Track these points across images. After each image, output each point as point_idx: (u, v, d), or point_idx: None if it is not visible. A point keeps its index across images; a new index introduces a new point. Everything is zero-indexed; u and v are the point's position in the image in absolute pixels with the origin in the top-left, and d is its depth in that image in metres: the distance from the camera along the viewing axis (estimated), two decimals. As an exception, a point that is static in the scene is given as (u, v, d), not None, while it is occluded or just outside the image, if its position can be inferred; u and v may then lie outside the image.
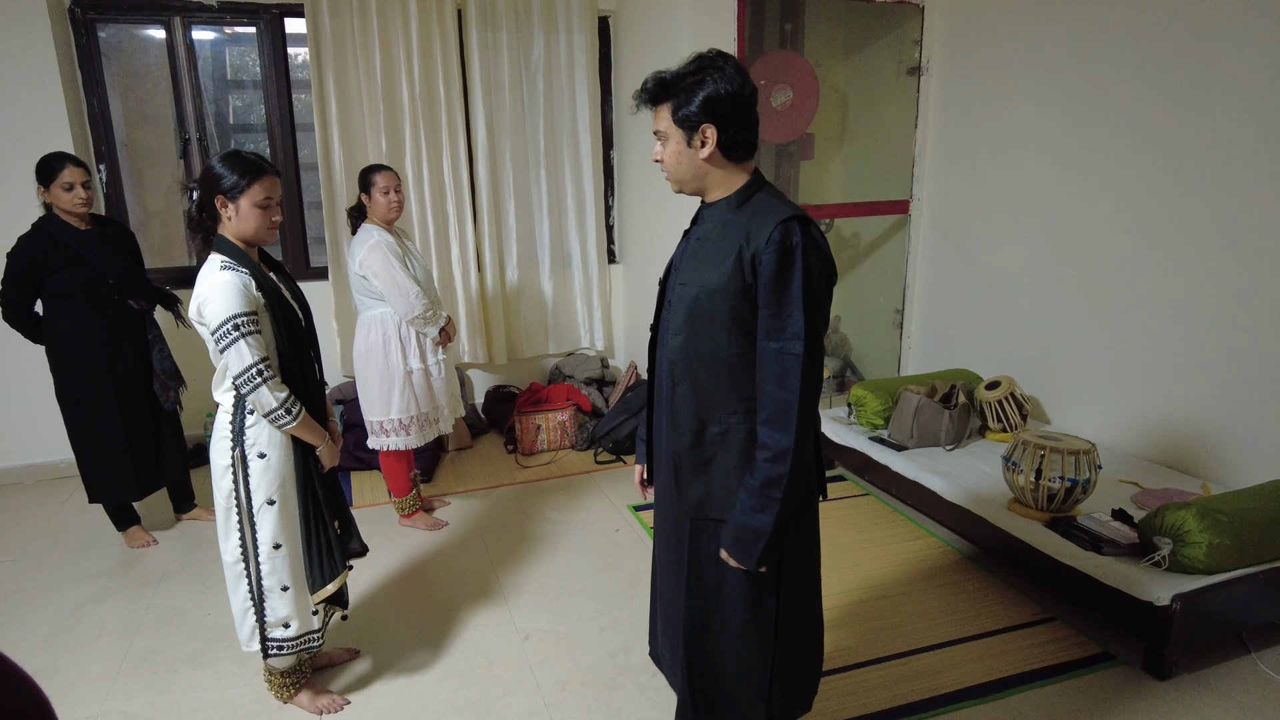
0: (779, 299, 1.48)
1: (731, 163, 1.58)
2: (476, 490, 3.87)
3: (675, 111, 1.54)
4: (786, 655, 1.72)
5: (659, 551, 1.86)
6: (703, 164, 1.57)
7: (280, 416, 1.95)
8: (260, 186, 1.94)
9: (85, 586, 3.01)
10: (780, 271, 1.47)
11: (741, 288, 1.51)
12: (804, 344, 1.47)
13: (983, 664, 2.43)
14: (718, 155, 1.56)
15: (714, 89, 1.51)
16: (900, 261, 4.55)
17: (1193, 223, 3.01)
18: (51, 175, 2.93)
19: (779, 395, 1.50)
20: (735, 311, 1.52)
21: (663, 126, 1.57)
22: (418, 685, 2.40)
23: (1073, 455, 2.65)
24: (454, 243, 4.51)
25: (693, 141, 1.55)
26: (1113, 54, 3.24)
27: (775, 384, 1.50)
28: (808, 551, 1.73)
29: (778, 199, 1.57)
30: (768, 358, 1.51)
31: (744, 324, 1.53)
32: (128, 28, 4.13)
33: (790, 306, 1.47)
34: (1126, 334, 3.31)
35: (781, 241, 1.47)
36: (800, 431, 1.49)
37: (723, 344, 1.55)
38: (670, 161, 1.59)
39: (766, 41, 4.61)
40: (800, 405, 1.48)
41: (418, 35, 4.18)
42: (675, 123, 1.54)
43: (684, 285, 1.60)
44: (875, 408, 3.64)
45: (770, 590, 1.66)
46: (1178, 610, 2.23)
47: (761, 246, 1.48)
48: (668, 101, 1.55)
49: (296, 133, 4.36)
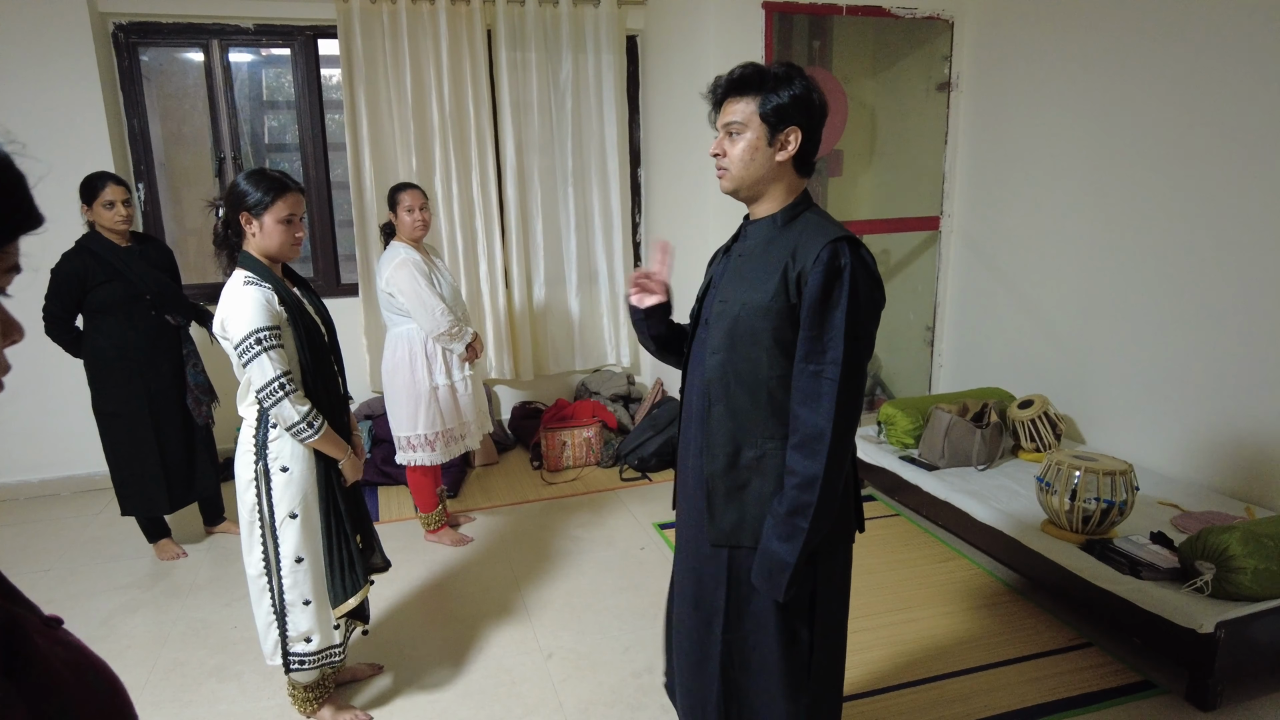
0: (822, 321, 1.43)
1: (798, 175, 1.54)
2: (502, 506, 3.86)
3: (764, 104, 1.46)
4: (817, 694, 1.65)
5: (677, 579, 1.78)
6: (776, 167, 1.50)
7: (302, 430, 1.96)
8: (284, 203, 1.97)
9: (116, 597, 3.05)
10: (826, 293, 1.42)
11: (785, 307, 1.46)
12: (842, 369, 1.41)
13: (1017, 690, 2.36)
14: (791, 163, 1.51)
15: (807, 93, 1.47)
16: (931, 278, 4.49)
17: (1232, 236, 2.93)
18: (94, 194, 3.01)
19: (812, 420, 1.44)
20: (777, 331, 1.47)
21: (741, 119, 1.48)
22: (439, 702, 2.39)
23: (1109, 476, 2.57)
24: (482, 260, 4.54)
25: (775, 141, 1.48)
26: (1145, 67, 3.18)
27: (809, 408, 1.44)
28: (841, 588, 1.66)
29: (825, 219, 1.52)
30: (804, 380, 1.45)
31: (785, 345, 1.48)
32: (168, 50, 4.24)
33: (833, 330, 1.42)
34: (1164, 350, 3.22)
35: (830, 262, 1.42)
36: (832, 460, 1.42)
37: (763, 365, 1.50)
38: (741, 157, 1.50)
39: (794, 59, 4.60)
40: (834, 433, 1.42)
41: (448, 56, 4.24)
42: (761, 116, 1.47)
43: (724, 303, 1.54)
44: (906, 426, 3.58)
45: (805, 624, 1.59)
46: (1223, 638, 2.15)
47: (809, 266, 1.43)
48: (755, 94, 1.47)
49: (329, 152, 4.43)
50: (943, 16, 4.09)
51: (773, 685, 1.61)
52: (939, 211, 4.36)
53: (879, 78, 4.75)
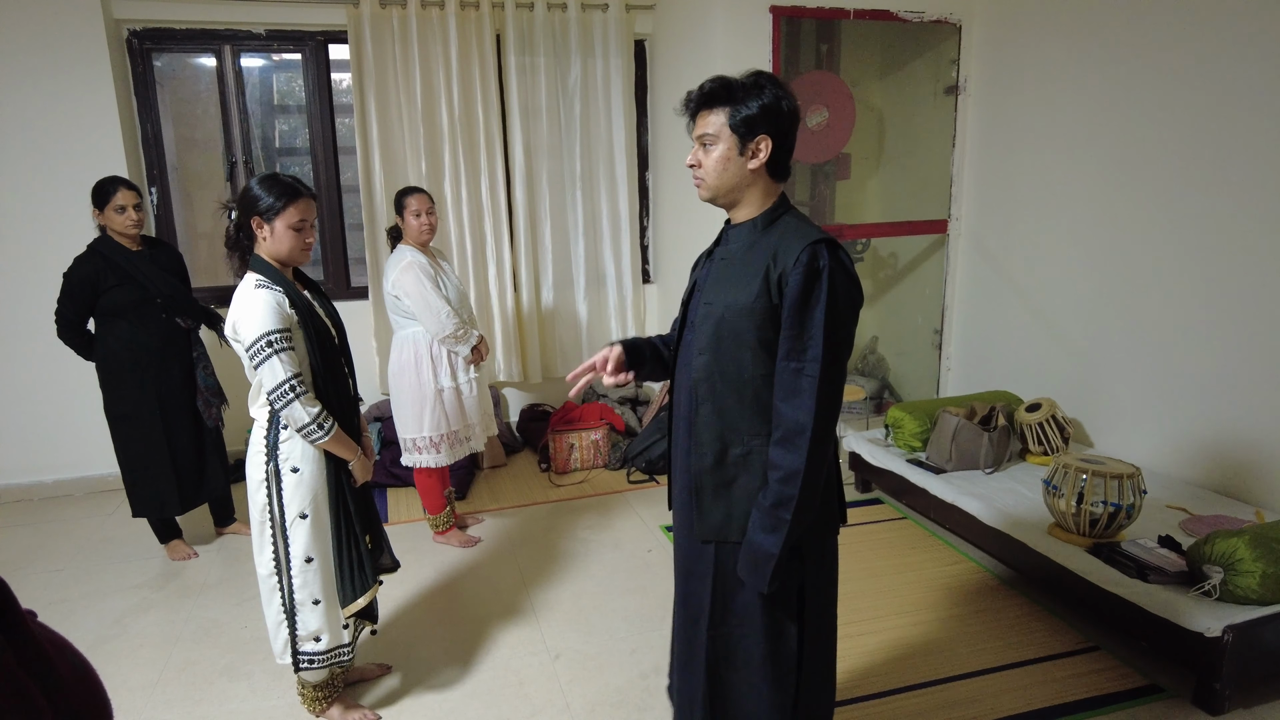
0: (802, 320, 1.47)
1: (772, 180, 1.58)
2: (510, 508, 3.88)
3: (733, 116, 1.50)
4: (807, 689, 1.68)
5: (676, 578, 1.83)
6: (748, 175, 1.55)
7: (313, 431, 1.99)
8: (295, 209, 1.99)
9: (129, 597, 3.08)
10: (806, 293, 1.46)
11: (767, 308, 1.50)
12: (822, 366, 1.46)
13: (1023, 693, 2.36)
14: (765, 169, 1.55)
15: (775, 101, 1.50)
16: (939, 281, 4.49)
17: (1241, 240, 2.93)
18: (106, 198, 3.05)
19: (794, 416, 1.48)
20: (760, 331, 1.52)
21: (713, 130, 1.53)
22: (447, 702, 2.41)
23: (1116, 479, 2.57)
24: (491, 263, 4.56)
25: (745, 150, 1.53)
26: (1154, 70, 3.18)
27: (791, 404, 1.49)
28: (829, 581, 1.70)
29: (804, 222, 1.57)
30: (785, 377, 1.49)
31: (769, 345, 1.52)
32: (181, 56, 4.29)
33: (813, 329, 1.46)
34: (1173, 353, 3.21)
35: (809, 263, 1.46)
36: (813, 454, 1.47)
37: (747, 365, 1.54)
38: (714, 168, 1.55)
39: (802, 62, 4.62)
40: (814, 427, 1.46)
41: (457, 60, 4.27)
42: (731, 128, 1.51)
43: (709, 305, 1.59)
44: (913, 429, 3.57)
45: (792, 618, 1.63)
46: (1230, 642, 2.14)
47: (789, 267, 1.47)
48: (725, 106, 1.51)
49: (339, 156, 4.47)
50: (950, 20, 4.10)
51: (757, 679, 1.64)
52: (947, 215, 4.35)
53: (887, 81, 4.76)
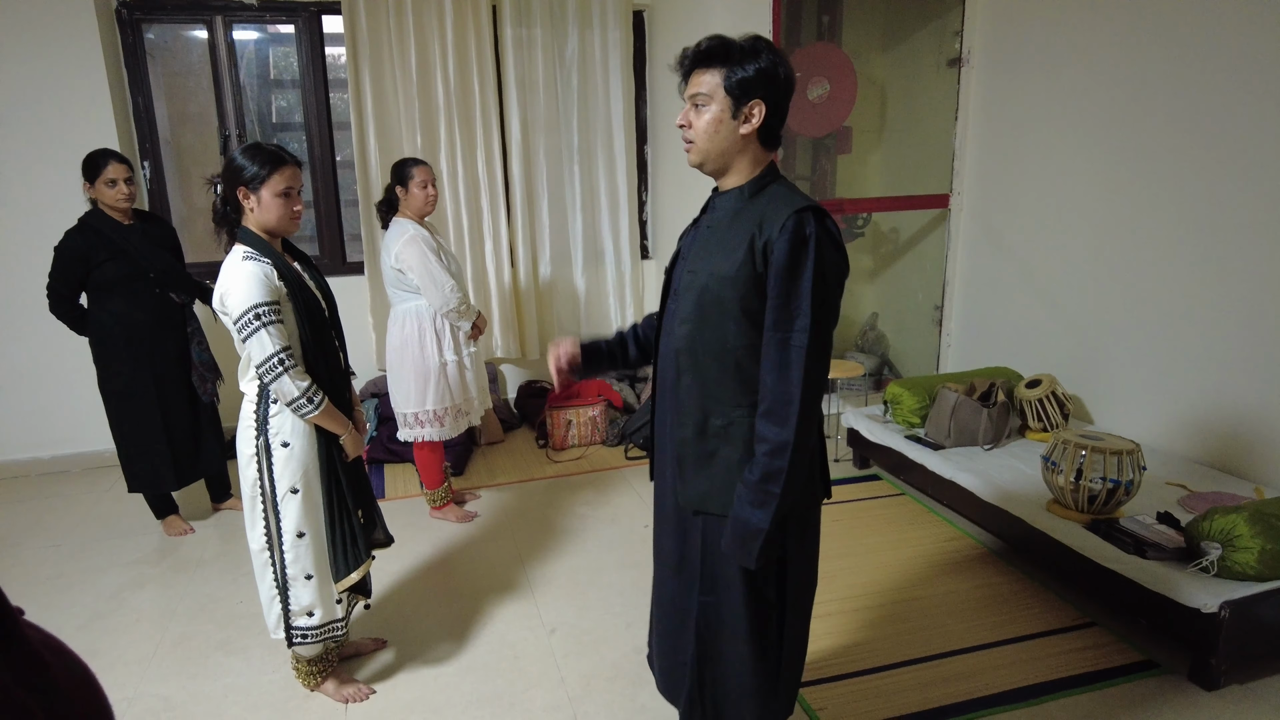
0: (788, 290, 1.43)
1: (763, 148, 1.54)
2: (507, 484, 3.88)
3: (729, 77, 1.46)
4: (789, 655, 1.69)
5: (656, 546, 1.82)
6: (739, 140, 1.50)
7: (302, 405, 1.97)
8: (280, 176, 1.96)
9: (125, 573, 3.08)
10: (792, 262, 1.43)
11: (752, 276, 1.47)
12: (809, 337, 1.42)
13: (1019, 668, 2.35)
14: (756, 135, 1.51)
15: (772, 67, 1.46)
16: (940, 257, 4.45)
17: (1243, 216, 2.88)
18: (96, 171, 3.01)
19: (781, 388, 1.45)
20: (744, 301, 1.48)
21: (706, 90, 1.47)
22: (442, 676, 2.41)
23: (1115, 455, 2.55)
24: (488, 238, 4.53)
25: (739, 114, 1.47)
26: (1158, 45, 3.12)
27: (777, 376, 1.45)
28: (812, 553, 1.69)
29: (792, 190, 1.53)
30: (772, 348, 1.46)
31: (753, 315, 1.49)
32: (172, 28, 4.22)
33: (799, 298, 1.43)
34: (1174, 330, 3.18)
35: (795, 231, 1.42)
36: (801, 426, 1.44)
37: (730, 335, 1.50)
38: (705, 130, 1.49)
39: (804, 34, 4.55)
40: (802, 399, 1.43)
41: (453, 33, 4.20)
42: (725, 89, 1.47)
43: (692, 274, 1.56)
44: (912, 406, 3.55)
45: (774, 589, 1.63)
46: (1226, 618, 2.13)
47: (774, 236, 1.43)
48: (721, 66, 1.46)
49: (334, 131, 4.41)
50: (954, -10, 4.03)
51: (743, 648, 1.64)
52: (949, 189, 4.31)
53: (889, 53, 4.69)
